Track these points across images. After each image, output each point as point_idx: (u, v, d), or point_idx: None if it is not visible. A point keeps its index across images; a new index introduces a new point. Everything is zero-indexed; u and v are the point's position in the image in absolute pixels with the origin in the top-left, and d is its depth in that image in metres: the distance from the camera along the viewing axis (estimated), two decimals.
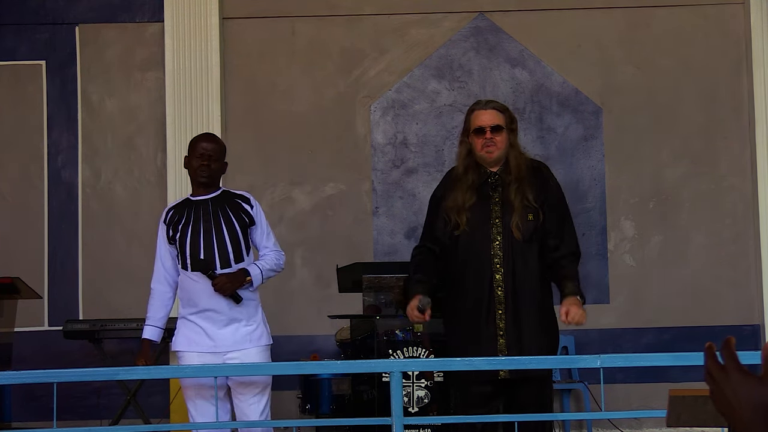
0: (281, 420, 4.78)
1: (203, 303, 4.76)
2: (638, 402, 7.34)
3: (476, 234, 4.58)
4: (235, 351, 4.77)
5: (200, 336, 4.77)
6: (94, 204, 7.72)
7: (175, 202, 5.00)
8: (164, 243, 4.87)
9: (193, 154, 4.84)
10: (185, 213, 4.83)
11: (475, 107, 4.76)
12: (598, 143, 7.76)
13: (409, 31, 7.84)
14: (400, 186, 7.76)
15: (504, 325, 4.51)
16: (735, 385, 1.39)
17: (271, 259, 4.91)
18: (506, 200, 4.61)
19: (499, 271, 4.54)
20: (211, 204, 4.85)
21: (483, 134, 4.64)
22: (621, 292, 7.67)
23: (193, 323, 4.79)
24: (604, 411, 4.64)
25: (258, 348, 4.82)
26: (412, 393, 5.60)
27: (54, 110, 7.76)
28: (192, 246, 4.76)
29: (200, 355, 4.76)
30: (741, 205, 7.70)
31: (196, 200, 4.87)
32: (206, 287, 4.74)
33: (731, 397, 1.39)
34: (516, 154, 4.68)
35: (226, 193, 4.91)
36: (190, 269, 4.76)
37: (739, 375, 1.40)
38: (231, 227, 4.81)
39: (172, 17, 7.61)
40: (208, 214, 4.82)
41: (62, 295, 7.61)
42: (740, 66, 7.75)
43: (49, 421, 4.31)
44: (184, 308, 4.84)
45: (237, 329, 4.79)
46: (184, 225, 4.80)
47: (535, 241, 4.61)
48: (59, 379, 4.03)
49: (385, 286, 6.04)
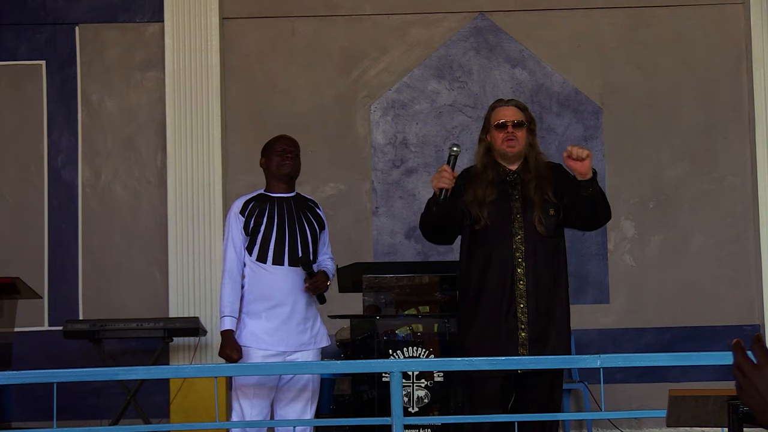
0: (281, 420, 4.78)
1: (278, 297, 4.75)
2: (638, 402, 7.34)
3: (497, 229, 4.60)
4: (299, 351, 4.78)
5: (268, 334, 4.75)
6: (94, 204, 7.72)
7: (250, 195, 4.97)
8: (240, 234, 4.83)
9: (274, 150, 4.93)
10: (267, 207, 4.84)
11: (497, 104, 4.81)
12: (598, 143, 7.76)
13: (409, 31, 7.84)
14: (400, 186, 7.76)
15: (526, 318, 4.53)
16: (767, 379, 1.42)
17: (331, 266, 5.01)
18: (526, 197, 4.64)
19: (521, 265, 4.57)
20: (292, 203, 4.90)
21: (505, 129, 4.68)
22: (621, 292, 7.67)
23: (262, 319, 4.76)
24: (604, 411, 4.65)
25: (317, 350, 4.87)
26: (412, 393, 5.60)
27: (54, 110, 7.76)
28: (278, 240, 4.76)
29: (265, 354, 4.74)
30: (741, 205, 7.70)
31: (275, 196, 4.90)
32: (286, 282, 4.74)
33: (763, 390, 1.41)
34: (535, 154, 4.74)
35: (300, 196, 4.99)
36: (271, 262, 4.74)
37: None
38: (312, 229, 4.89)
39: (172, 17, 7.61)
40: (291, 211, 4.86)
41: (62, 295, 7.61)
42: (740, 66, 7.75)
43: (49, 421, 4.31)
44: (253, 302, 4.79)
45: (306, 329, 4.81)
46: (268, 218, 4.81)
47: (557, 237, 4.64)
48: (59, 379, 4.03)
49: (385, 286, 6.04)
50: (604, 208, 4.69)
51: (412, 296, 6.00)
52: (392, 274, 6.02)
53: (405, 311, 5.96)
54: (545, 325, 4.58)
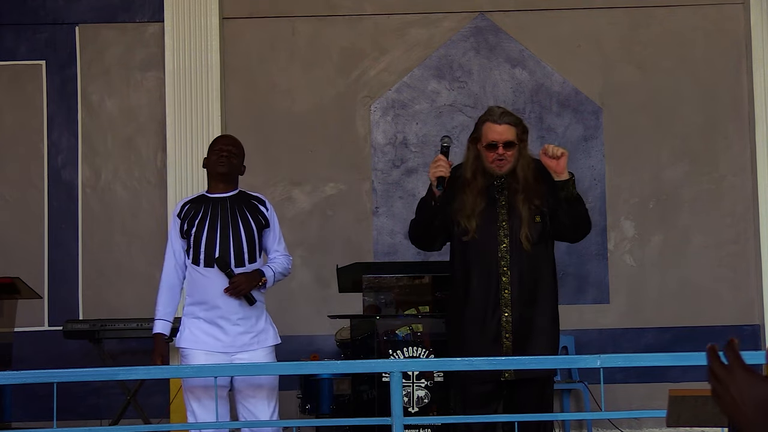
0: (281, 420, 4.78)
1: (214, 300, 4.73)
2: (638, 402, 7.34)
3: (483, 237, 4.57)
4: (243, 352, 4.76)
5: (208, 335, 4.74)
6: (94, 204, 7.72)
7: (191, 197, 4.98)
8: (177, 237, 4.84)
9: (213, 149, 4.90)
10: (202, 208, 4.83)
11: (489, 119, 4.65)
12: (598, 143, 7.76)
13: (409, 31, 7.84)
14: (400, 186, 7.76)
15: (510, 327, 4.52)
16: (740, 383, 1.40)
17: (281, 263, 4.93)
18: (513, 205, 4.60)
19: (506, 273, 4.54)
20: (228, 202, 4.86)
21: (495, 149, 4.60)
22: (621, 292, 7.66)
23: (201, 320, 4.75)
24: (604, 411, 4.65)
25: (266, 349, 4.82)
26: (412, 393, 5.59)
27: (54, 110, 7.76)
28: (208, 242, 4.75)
29: (208, 354, 4.73)
30: (741, 205, 7.70)
31: (213, 197, 4.88)
32: (218, 284, 4.72)
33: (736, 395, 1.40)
34: (524, 164, 4.65)
35: (242, 194, 4.94)
36: (203, 264, 4.74)
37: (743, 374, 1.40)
38: (248, 227, 4.83)
39: (172, 17, 7.60)
40: (225, 211, 4.82)
41: (62, 295, 7.61)
42: (740, 66, 7.75)
43: (49, 421, 4.31)
44: (191, 305, 4.80)
45: (246, 329, 4.77)
46: (201, 220, 4.79)
47: (542, 243, 4.61)
48: (59, 379, 4.03)
49: (385, 286, 6.04)
50: (581, 217, 4.63)
51: (412, 296, 6.00)
52: (392, 274, 6.02)
53: (405, 311, 5.96)
54: (529, 334, 4.55)
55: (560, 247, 7.65)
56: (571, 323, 7.57)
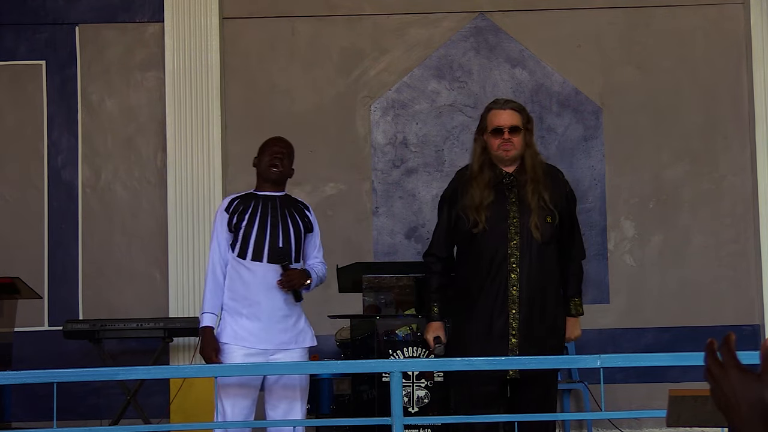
0: (281, 420, 4.78)
1: (257, 296, 4.74)
2: (638, 402, 7.34)
3: (493, 233, 4.58)
4: (281, 351, 4.76)
5: (250, 332, 4.73)
6: (94, 204, 7.72)
7: (239, 194, 4.98)
8: (224, 231, 4.83)
9: (266, 151, 4.93)
10: (252, 204, 4.84)
11: (493, 106, 4.74)
12: (598, 143, 7.76)
13: (409, 31, 7.84)
14: (400, 186, 7.76)
15: (517, 324, 4.52)
16: (733, 382, 1.41)
17: (321, 270, 4.98)
18: (522, 200, 4.61)
19: (515, 270, 4.54)
20: (278, 201, 4.88)
21: (501, 134, 4.63)
22: (621, 292, 7.66)
23: (243, 317, 4.74)
24: (604, 411, 4.65)
25: (303, 350, 4.85)
26: (412, 393, 5.60)
27: (54, 110, 7.76)
28: (258, 236, 4.75)
29: (247, 351, 4.72)
30: (741, 205, 7.70)
31: (262, 194, 4.90)
32: (263, 279, 4.73)
33: (729, 394, 1.41)
34: (532, 154, 4.69)
35: (289, 196, 4.98)
36: (250, 258, 4.73)
37: (737, 372, 1.41)
38: (296, 228, 4.86)
39: (172, 17, 7.61)
40: (275, 209, 4.85)
41: (62, 295, 7.61)
42: (740, 66, 7.75)
43: (49, 421, 4.31)
44: (233, 300, 4.78)
45: (287, 328, 4.79)
46: (251, 215, 4.80)
47: (552, 243, 4.62)
48: (59, 379, 4.03)
49: (385, 286, 6.04)
50: None
51: (412, 296, 6.01)
52: (392, 274, 6.03)
53: (405, 311, 5.97)
54: (536, 332, 4.56)
55: None
56: None
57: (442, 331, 4.65)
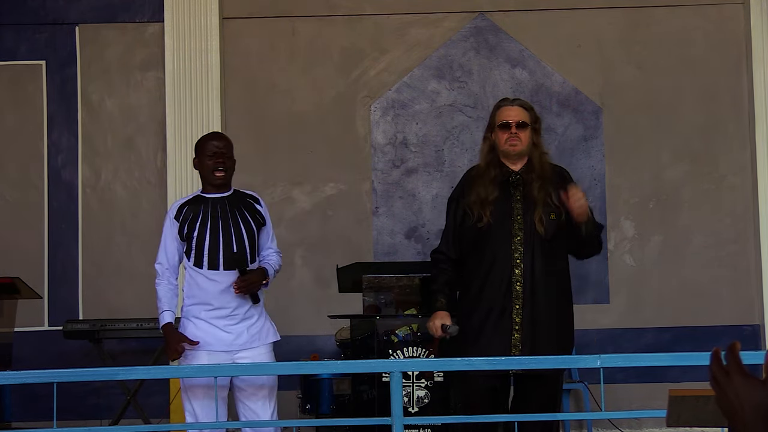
0: (281, 420, 4.78)
1: (217, 301, 4.71)
2: (638, 402, 7.34)
3: (498, 229, 4.60)
4: (245, 350, 4.75)
5: (210, 335, 4.72)
6: (94, 204, 7.72)
7: (186, 198, 4.92)
8: (173, 239, 4.80)
9: (204, 153, 4.84)
10: (201, 209, 4.78)
11: (502, 104, 4.82)
12: (598, 143, 7.76)
13: (409, 31, 7.84)
14: (400, 186, 7.76)
15: (520, 320, 4.53)
16: (737, 387, 1.42)
17: (276, 261, 4.93)
18: (528, 197, 4.64)
19: (518, 266, 4.56)
20: (227, 203, 4.83)
21: (508, 129, 4.69)
22: (621, 292, 7.66)
23: (203, 321, 4.73)
24: (604, 411, 4.65)
25: (267, 346, 4.82)
26: (412, 393, 5.60)
27: (54, 110, 7.76)
28: (212, 244, 4.71)
29: (210, 354, 4.71)
30: (741, 205, 7.70)
31: (210, 197, 4.84)
32: (221, 285, 4.70)
33: (733, 399, 1.42)
34: (539, 154, 4.74)
35: (237, 193, 4.91)
36: (206, 267, 4.70)
37: (741, 378, 1.42)
38: (248, 228, 4.81)
39: (172, 17, 7.61)
40: (225, 212, 4.79)
41: (62, 295, 7.61)
42: (740, 66, 7.75)
43: (49, 421, 4.31)
44: (192, 306, 4.76)
45: (248, 327, 4.77)
46: (201, 223, 4.75)
47: (557, 240, 4.63)
48: (59, 379, 4.03)
49: (385, 286, 6.04)
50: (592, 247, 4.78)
51: (412, 296, 6.01)
52: (392, 274, 6.03)
53: (405, 311, 5.97)
54: (540, 328, 4.56)
55: None
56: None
57: (448, 319, 4.63)
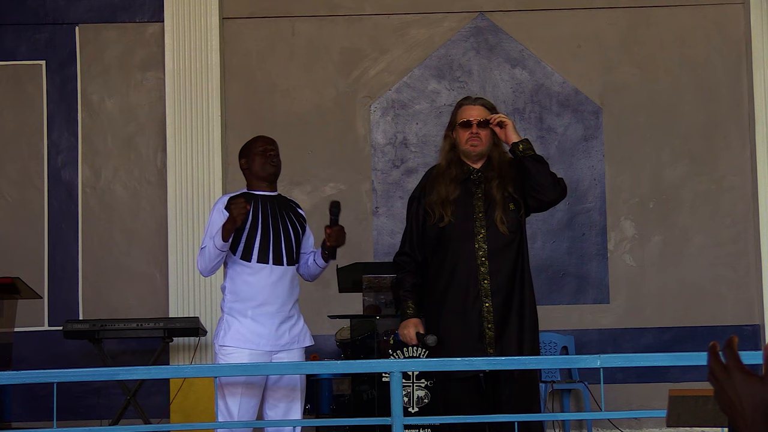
0: (281, 420, 4.78)
1: (263, 296, 4.73)
2: (638, 402, 7.34)
3: (460, 228, 4.58)
4: (284, 351, 4.77)
5: (255, 333, 4.72)
6: (94, 204, 7.72)
7: (236, 193, 4.92)
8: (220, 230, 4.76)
9: (254, 151, 4.92)
10: (251, 205, 4.77)
11: (464, 102, 4.79)
12: (598, 143, 7.76)
13: (409, 31, 7.84)
14: (400, 186, 7.76)
15: (492, 317, 4.50)
16: (737, 384, 1.41)
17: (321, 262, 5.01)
18: (489, 195, 4.62)
19: (484, 264, 4.54)
20: (276, 202, 4.88)
21: (469, 128, 4.66)
22: (621, 292, 7.67)
23: (248, 320, 4.72)
24: (604, 411, 4.65)
25: (301, 350, 4.86)
26: (412, 393, 5.60)
27: (54, 110, 7.76)
28: (263, 238, 4.73)
29: (252, 353, 4.71)
30: (741, 205, 7.70)
31: (260, 194, 4.87)
32: (268, 280, 4.73)
33: (733, 396, 1.41)
34: (499, 152, 4.72)
35: (281, 197, 4.99)
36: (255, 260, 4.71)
37: (740, 374, 1.42)
38: (294, 228, 4.90)
39: (172, 17, 7.61)
40: (274, 210, 4.85)
41: (62, 295, 7.61)
42: (740, 66, 7.75)
43: (49, 421, 4.31)
44: (237, 302, 4.76)
45: (290, 328, 4.80)
46: (252, 216, 4.76)
47: (518, 233, 4.62)
48: (59, 379, 4.03)
49: (385, 286, 6.05)
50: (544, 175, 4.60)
51: None
52: (392, 274, 6.02)
53: None
54: (512, 323, 4.54)
55: (560, 247, 7.68)
56: (571, 323, 7.58)
57: (421, 326, 4.62)
